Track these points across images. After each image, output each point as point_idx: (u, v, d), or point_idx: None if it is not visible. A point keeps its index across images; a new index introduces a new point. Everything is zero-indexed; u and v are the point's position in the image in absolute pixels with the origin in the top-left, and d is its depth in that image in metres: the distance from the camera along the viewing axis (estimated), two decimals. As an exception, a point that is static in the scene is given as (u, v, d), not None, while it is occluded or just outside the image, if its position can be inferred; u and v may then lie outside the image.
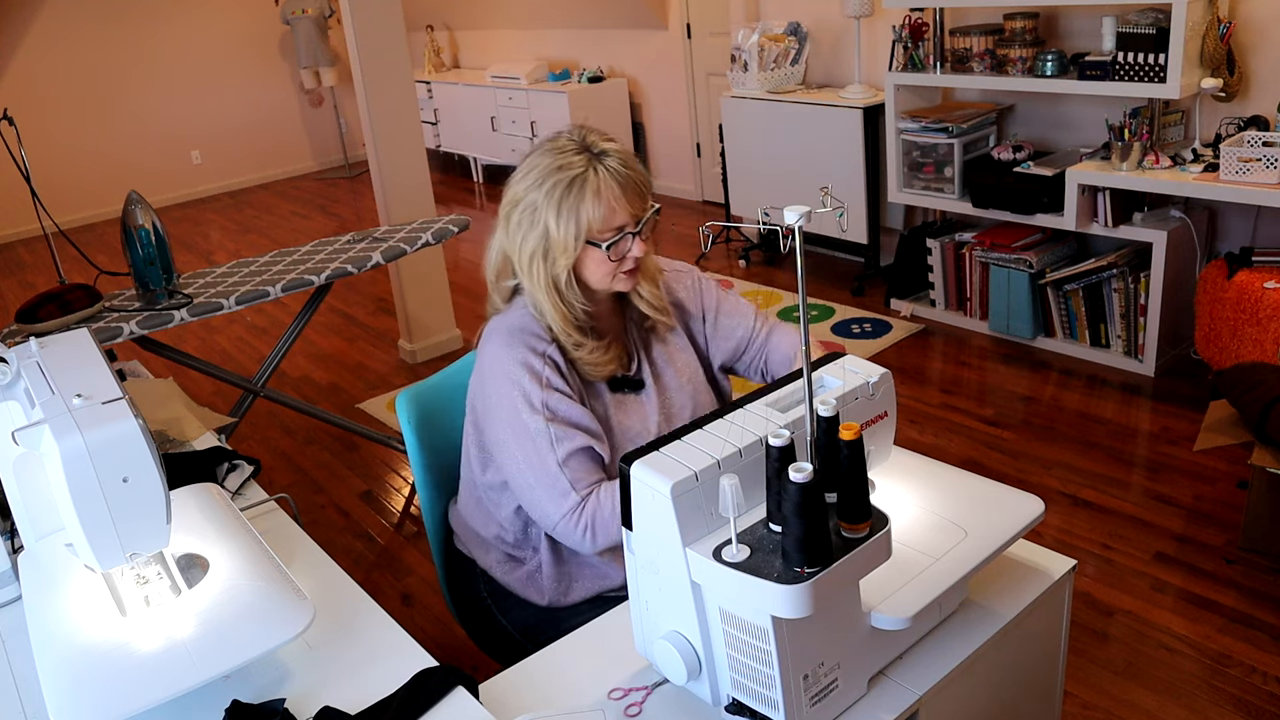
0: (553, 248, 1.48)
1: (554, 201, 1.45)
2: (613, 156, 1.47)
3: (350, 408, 4.01)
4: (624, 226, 1.48)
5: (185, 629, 1.21)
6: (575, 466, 1.48)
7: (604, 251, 1.47)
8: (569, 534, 1.49)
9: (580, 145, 1.48)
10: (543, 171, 1.47)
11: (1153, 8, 3.29)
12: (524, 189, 1.49)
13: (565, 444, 1.47)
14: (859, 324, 4.26)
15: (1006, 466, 3.09)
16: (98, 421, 1.16)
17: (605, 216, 1.46)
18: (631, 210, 1.48)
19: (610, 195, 1.45)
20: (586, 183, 1.44)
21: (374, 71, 3.97)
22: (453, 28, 8.18)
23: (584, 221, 1.45)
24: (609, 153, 1.47)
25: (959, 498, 1.32)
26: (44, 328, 2.61)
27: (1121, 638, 2.33)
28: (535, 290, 1.51)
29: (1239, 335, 3.14)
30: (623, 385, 1.59)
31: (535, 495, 1.50)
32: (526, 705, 1.24)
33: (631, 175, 1.47)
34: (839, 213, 1.04)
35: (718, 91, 5.45)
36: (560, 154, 1.47)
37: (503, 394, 1.50)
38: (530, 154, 1.52)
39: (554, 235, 1.47)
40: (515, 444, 1.50)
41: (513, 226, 1.51)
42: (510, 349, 1.51)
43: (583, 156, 1.46)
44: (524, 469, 1.50)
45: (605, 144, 1.49)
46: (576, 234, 1.46)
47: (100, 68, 7.59)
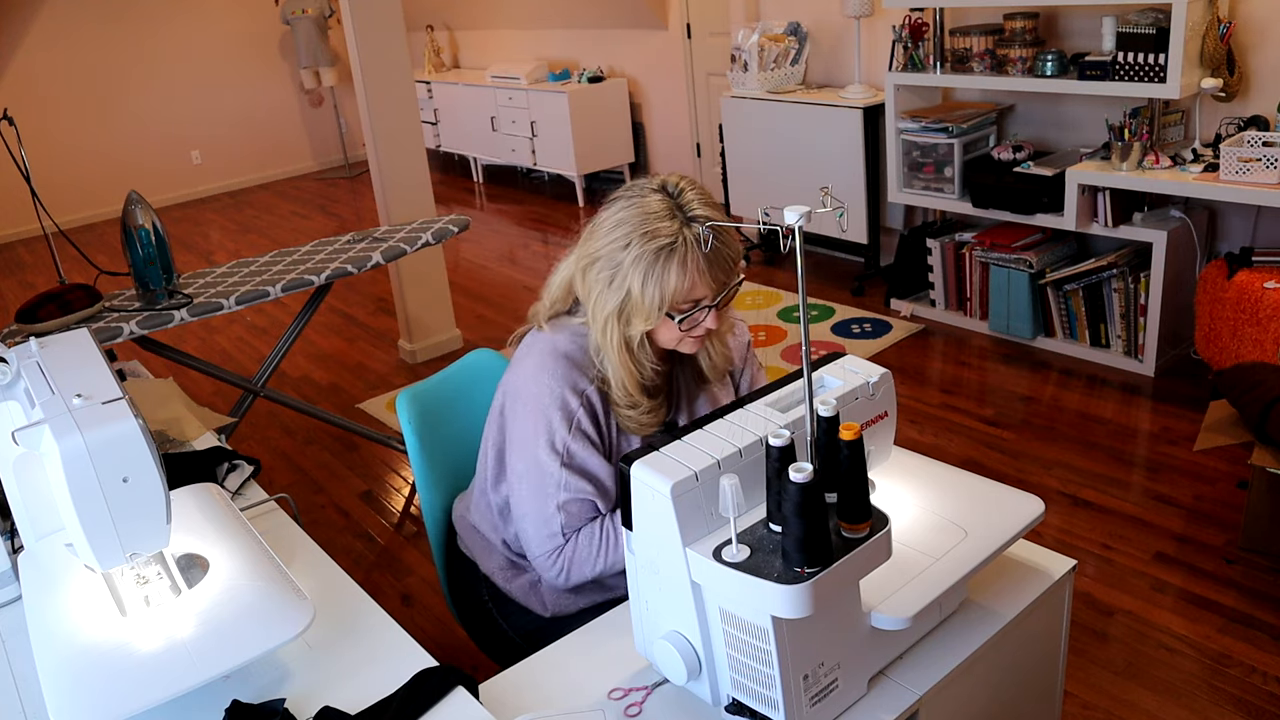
0: (632, 312, 1.43)
1: (640, 268, 1.40)
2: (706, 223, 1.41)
3: (350, 408, 4.01)
4: (702, 299, 1.43)
5: (185, 629, 1.21)
6: (571, 513, 1.50)
7: (676, 322, 1.43)
8: (545, 569, 1.53)
9: (673, 206, 1.41)
10: (631, 230, 1.41)
11: (1153, 8, 3.29)
12: (608, 245, 1.43)
13: (570, 492, 1.48)
14: (859, 324, 4.26)
15: (1006, 466, 3.09)
16: (98, 421, 1.16)
17: (688, 289, 1.40)
18: (714, 284, 1.42)
19: (695, 268, 1.39)
20: (674, 252, 1.38)
21: (374, 71, 3.97)
22: (453, 28, 8.18)
23: (668, 292, 1.40)
24: (700, 219, 1.41)
25: (959, 498, 1.32)
26: (44, 328, 2.61)
27: (1121, 638, 2.33)
28: (606, 348, 1.47)
29: (1239, 335, 3.14)
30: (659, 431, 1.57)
31: (525, 525, 1.53)
32: (526, 705, 1.24)
33: (720, 248, 1.41)
34: (839, 213, 1.04)
35: (718, 91, 5.45)
36: (651, 214, 1.41)
37: (529, 422, 1.50)
38: (617, 201, 1.46)
39: (635, 300, 1.42)
40: (525, 472, 1.51)
41: (591, 279, 1.46)
42: (551, 379, 1.48)
43: (674, 222, 1.40)
44: (525, 499, 1.51)
45: (699, 208, 1.42)
46: (659, 303, 1.41)
47: (100, 68, 7.59)
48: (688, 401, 1.61)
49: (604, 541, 1.49)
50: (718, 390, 1.64)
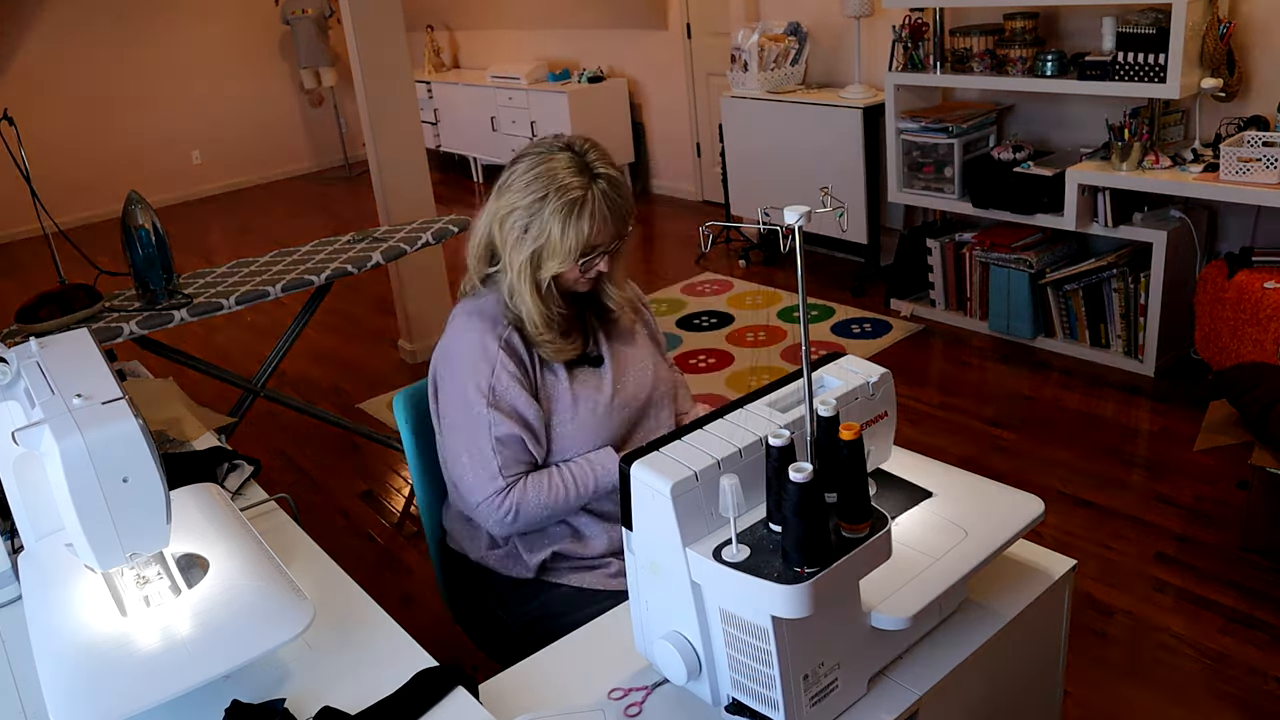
0: (547, 256, 1.57)
1: (559, 217, 1.54)
2: (605, 180, 1.57)
3: (350, 408, 4.01)
4: (599, 246, 1.58)
5: (185, 629, 1.21)
6: (506, 454, 1.58)
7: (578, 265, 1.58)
8: (489, 513, 1.59)
9: (580, 163, 1.56)
10: (546, 184, 1.55)
11: (1153, 8, 3.29)
12: (525, 198, 1.57)
13: (501, 429, 1.57)
14: (859, 324, 4.26)
15: (1006, 466, 3.09)
16: (98, 421, 1.16)
17: (594, 236, 1.56)
18: (613, 232, 1.58)
19: (600, 218, 1.55)
20: (586, 205, 1.54)
21: (374, 71, 3.97)
22: (453, 28, 8.18)
23: (582, 239, 1.55)
24: (603, 176, 1.57)
25: (959, 498, 1.32)
26: (44, 328, 2.60)
27: (1121, 638, 2.33)
28: (521, 289, 1.59)
29: (1239, 335, 3.14)
30: (581, 362, 1.68)
31: (463, 473, 1.60)
32: (526, 705, 1.24)
33: (620, 202, 1.58)
34: (839, 213, 1.04)
35: (718, 91, 5.45)
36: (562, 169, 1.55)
37: (455, 376, 1.61)
38: (525, 158, 1.60)
39: (555, 246, 1.56)
40: (458, 422, 1.60)
41: (506, 229, 1.59)
42: (469, 331, 1.61)
43: (583, 177, 1.55)
44: (460, 448, 1.60)
45: (602, 166, 1.58)
46: (574, 248, 1.56)
47: (100, 68, 7.59)
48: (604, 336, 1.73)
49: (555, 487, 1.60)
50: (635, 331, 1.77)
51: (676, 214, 6.20)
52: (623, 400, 1.68)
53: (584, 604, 1.61)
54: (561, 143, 1.60)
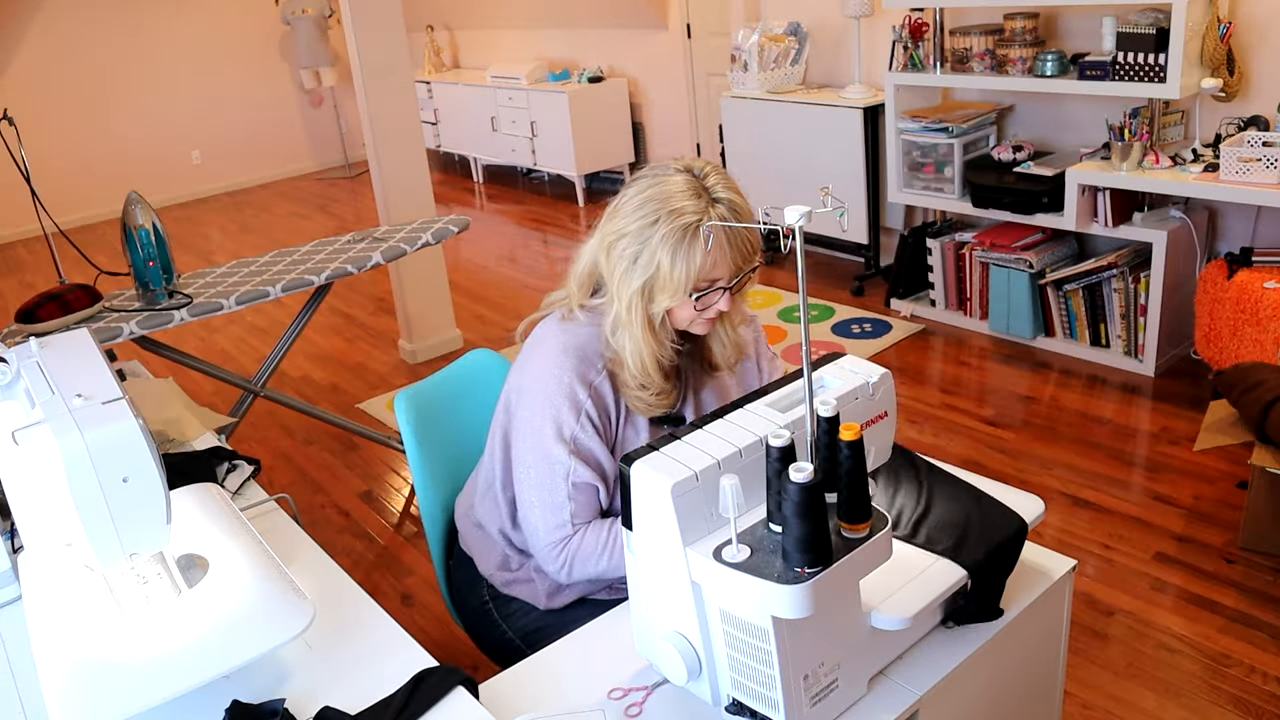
0: (659, 288, 1.44)
1: (669, 244, 1.41)
2: (725, 206, 1.43)
3: (350, 408, 4.01)
4: (719, 280, 1.44)
5: (185, 629, 1.21)
6: (580, 501, 1.50)
7: (693, 300, 1.44)
8: (549, 561, 1.52)
9: (698, 187, 1.43)
10: (658, 208, 1.42)
11: (1153, 8, 3.29)
12: (635, 223, 1.44)
13: (580, 476, 1.49)
14: (859, 324, 4.26)
15: (1006, 466, 3.09)
16: (98, 421, 1.16)
17: (710, 267, 1.42)
18: (733, 266, 1.44)
19: (718, 248, 1.42)
20: (700, 230, 1.40)
21: (374, 71, 3.97)
22: (453, 28, 8.18)
23: (694, 269, 1.41)
24: (723, 202, 1.43)
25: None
26: (44, 328, 2.60)
27: (1121, 638, 2.33)
28: (630, 324, 1.47)
29: (1239, 335, 3.14)
30: (665, 420, 1.57)
31: (533, 516, 1.52)
32: (526, 705, 1.24)
33: (742, 234, 1.44)
34: (839, 213, 1.04)
35: (718, 91, 5.45)
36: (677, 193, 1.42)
37: (536, 411, 1.50)
38: (640, 180, 1.47)
39: (665, 276, 1.42)
40: (533, 462, 1.51)
41: (615, 256, 1.46)
42: (560, 370, 1.49)
43: (699, 202, 1.41)
44: (532, 488, 1.51)
45: (723, 191, 1.44)
46: (685, 280, 1.42)
47: (100, 68, 7.59)
48: (694, 392, 1.61)
49: (610, 541, 1.49)
50: (727, 380, 1.64)
51: (676, 214, 6.18)
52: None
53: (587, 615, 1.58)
54: (681, 165, 1.46)
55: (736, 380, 1.68)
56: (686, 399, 1.60)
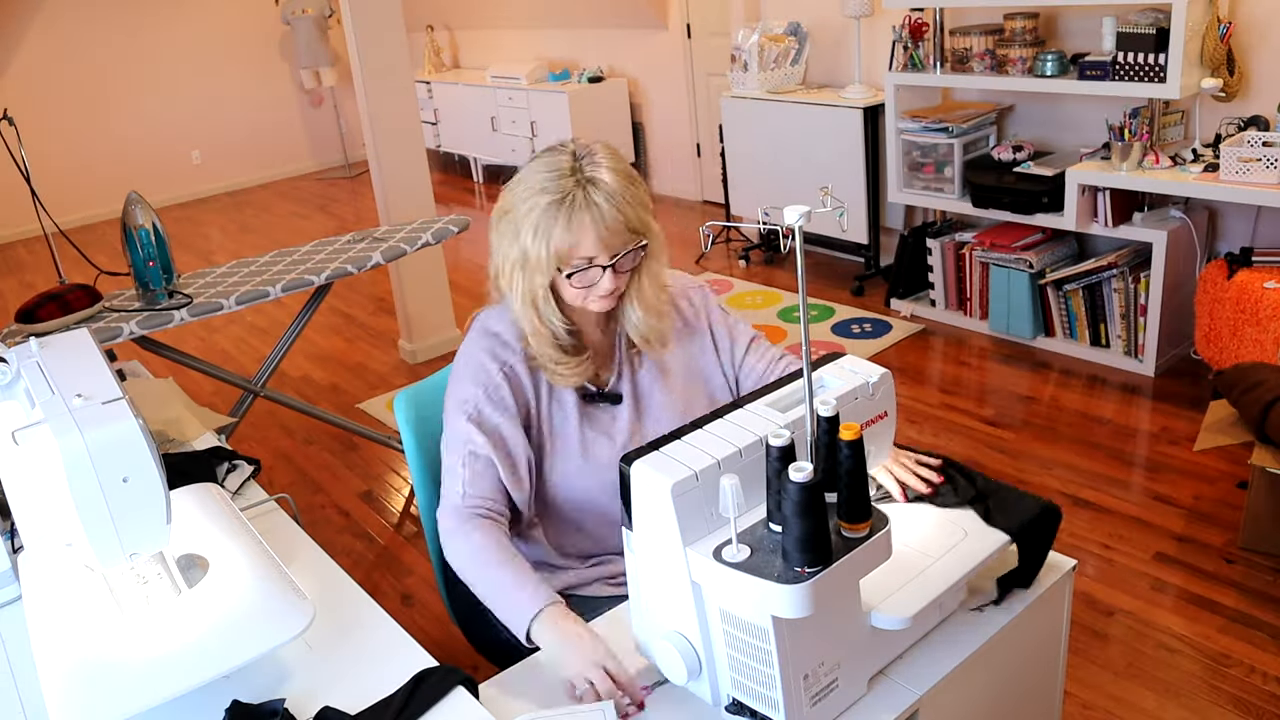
0: (529, 266, 1.45)
1: (532, 221, 1.42)
2: (600, 187, 1.42)
3: (350, 408, 4.01)
4: (593, 258, 1.43)
5: (185, 629, 1.21)
6: (475, 470, 1.50)
7: (566, 278, 1.45)
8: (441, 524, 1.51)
9: (573, 167, 1.43)
10: (530, 186, 1.44)
11: (1153, 8, 3.29)
12: (512, 199, 1.47)
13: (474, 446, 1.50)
14: (859, 324, 4.26)
15: (1006, 466, 3.09)
16: (98, 421, 1.16)
17: (570, 245, 1.42)
18: (605, 243, 1.42)
19: (579, 226, 1.41)
20: (562, 208, 1.40)
21: (374, 71, 3.97)
22: (453, 28, 8.18)
23: (553, 247, 1.42)
24: (597, 181, 1.42)
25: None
26: (44, 328, 2.60)
27: (1121, 638, 2.33)
28: (513, 300, 1.50)
29: (1239, 335, 3.14)
30: (595, 399, 1.57)
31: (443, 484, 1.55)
32: (526, 705, 1.24)
33: (610, 211, 1.41)
34: (839, 213, 1.04)
35: (718, 91, 5.45)
36: (552, 172, 1.43)
37: (451, 389, 1.56)
38: (531, 160, 1.49)
39: (530, 253, 1.44)
40: (448, 430, 1.55)
41: (497, 234, 1.50)
42: (475, 349, 1.55)
43: (571, 180, 1.42)
44: (445, 452, 1.55)
45: (602, 171, 1.43)
46: (546, 258, 1.43)
47: (100, 68, 7.59)
48: (631, 370, 1.60)
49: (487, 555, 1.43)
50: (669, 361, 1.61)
51: (676, 214, 6.20)
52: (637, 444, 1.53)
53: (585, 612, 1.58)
54: (571, 145, 1.47)
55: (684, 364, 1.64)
56: (622, 376, 1.59)
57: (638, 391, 1.60)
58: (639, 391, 1.60)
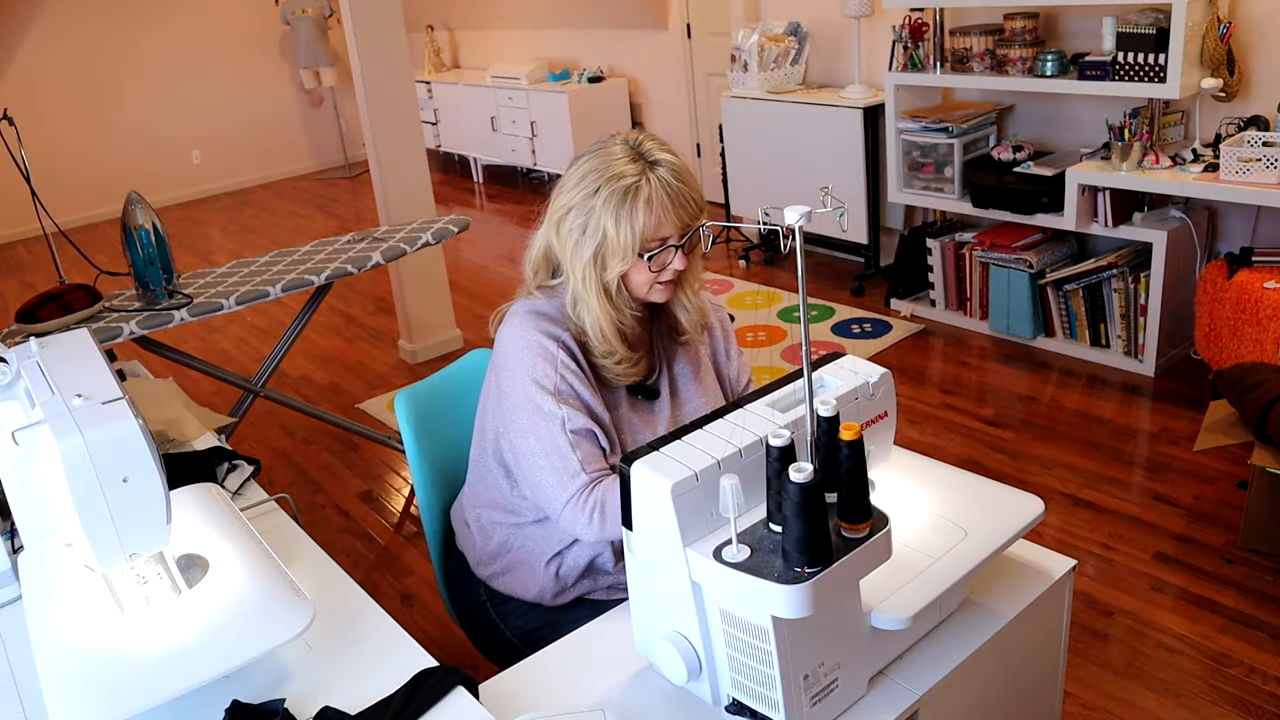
0: (608, 254, 1.47)
1: (611, 208, 1.45)
2: (664, 167, 1.47)
3: (350, 408, 4.01)
4: (668, 238, 1.48)
5: (185, 629, 1.21)
6: (585, 448, 1.48)
7: (645, 261, 1.48)
8: (575, 517, 1.47)
9: (635, 153, 1.48)
10: (598, 177, 1.47)
11: (1153, 8, 3.29)
12: (579, 195, 1.48)
13: (575, 422, 1.48)
14: (859, 324, 4.26)
15: (1006, 466, 3.09)
16: (98, 421, 1.16)
17: (654, 227, 1.46)
18: (678, 223, 1.48)
19: (660, 206, 1.46)
20: (639, 191, 1.45)
21: (374, 71, 3.97)
22: (453, 28, 8.18)
23: (638, 229, 1.45)
24: (661, 163, 1.47)
25: (959, 498, 1.32)
26: (44, 328, 2.61)
27: (1121, 638, 2.33)
28: (587, 295, 1.50)
29: (1239, 335, 3.14)
30: (639, 391, 1.60)
31: (543, 477, 1.49)
32: (526, 705, 1.24)
33: (682, 189, 1.47)
34: (839, 213, 1.04)
35: (718, 91, 5.45)
36: (615, 160, 1.47)
37: (517, 376, 1.51)
38: (581, 158, 1.51)
39: (612, 241, 1.46)
40: (529, 425, 1.49)
41: (565, 231, 1.50)
42: (526, 330, 1.52)
43: (637, 165, 1.46)
44: (534, 449, 1.49)
45: (660, 154, 1.49)
46: (632, 241, 1.46)
47: (100, 68, 7.59)
48: (667, 364, 1.64)
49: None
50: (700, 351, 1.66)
51: (676, 214, 6.19)
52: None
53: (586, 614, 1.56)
54: (618, 138, 1.52)
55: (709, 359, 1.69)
56: (661, 372, 1.63)
57: (674, 386, 1.64)
58: (675, 386, 1.64)
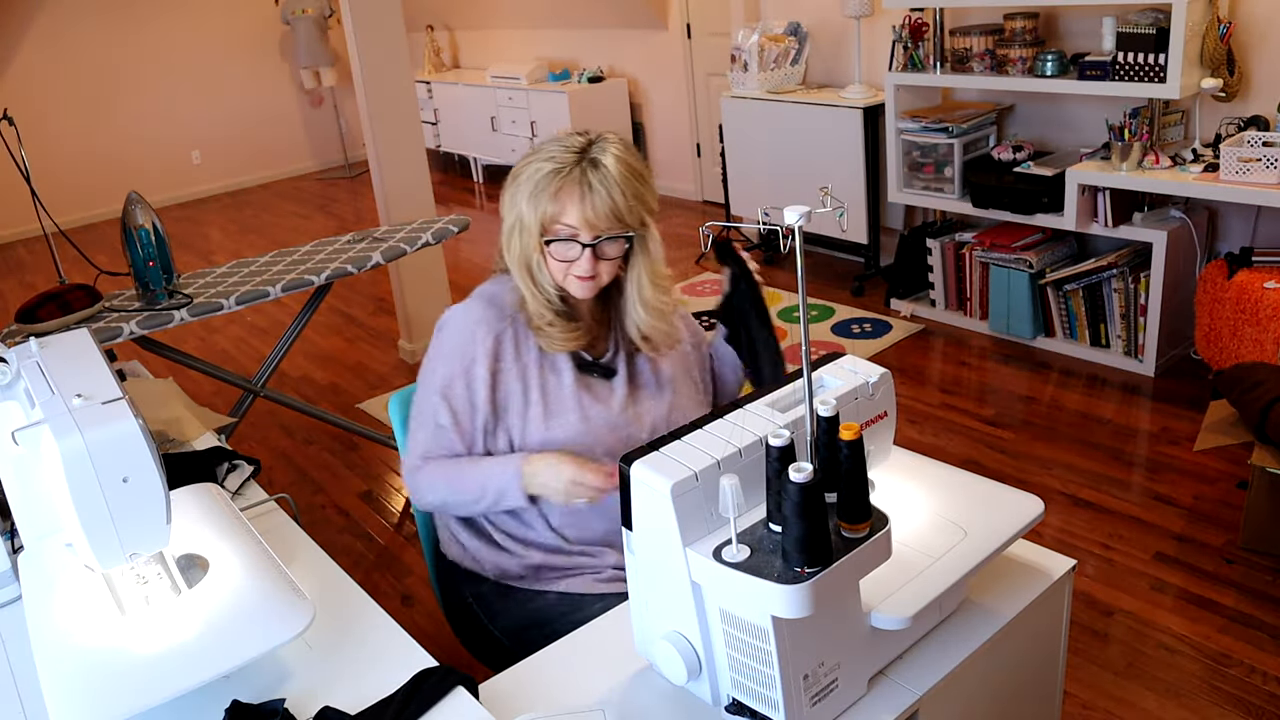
0: (518, 230, 1.54)
1: (530, 186, 1.50)
2: (603, 169, 1.49)
3: (350, 408, 4.01)
4: (577, 234, 1.50)
5: (185, 629, 1.21)
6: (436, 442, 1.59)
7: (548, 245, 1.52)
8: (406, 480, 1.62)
9: (583, 147, 1.51)
10: (539, 155, 1.52)
11: (1153, 8, 3.29)
12: (521, 166, 1.55)
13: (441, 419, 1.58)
14: (859, 324, 4.26)
15: (1006, 466, 3.09)
16: (98, 421, 1.16)
17: (555, 214, 1.50)
18: (586, 221, 1.49)
19: (570, 197, 1.49)
20: (556, 176, 1.49)
21: (374, 71, 3.97)
22: (453, 28, 8.18)
23: (539, 211, 1.50)
24: (603, 165, 1.49)
25: (959, 498, 1.32)
26: (44, 328, 2.61)
27: (1121, 638, 2.33)
28: (511, 265, 1.57)
29: (1239, 335, 3.14)
30: (591, 369, 1.63)
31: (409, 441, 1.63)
32: (526, 705, 1.24)
33: (607, 193, 1.48)
34: (839, 213, 1.04)
35: (718, 91, 5.45)
36: (560, 146, 1.51)
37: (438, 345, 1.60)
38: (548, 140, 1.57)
39: (521, 217, 1.52)
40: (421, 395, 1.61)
41: (504, 200, 1.58)
42: (468, 317, 1.59)
43: (575, 155, 1.50)
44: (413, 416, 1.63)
45: (609, 158, 1.50)
46: (534, 222, 1.51)
47: (100, 68, 7.59)
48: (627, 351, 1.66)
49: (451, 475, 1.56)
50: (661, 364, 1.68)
51: (676, 214, 6.20)
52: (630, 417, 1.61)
53: (571, 610, 1.58)
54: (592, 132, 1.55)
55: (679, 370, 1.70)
56: (617, 353, 1.65)
57: (633, 371, 1.66)
58: (634, 371, 1.66)
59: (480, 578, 1.68)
